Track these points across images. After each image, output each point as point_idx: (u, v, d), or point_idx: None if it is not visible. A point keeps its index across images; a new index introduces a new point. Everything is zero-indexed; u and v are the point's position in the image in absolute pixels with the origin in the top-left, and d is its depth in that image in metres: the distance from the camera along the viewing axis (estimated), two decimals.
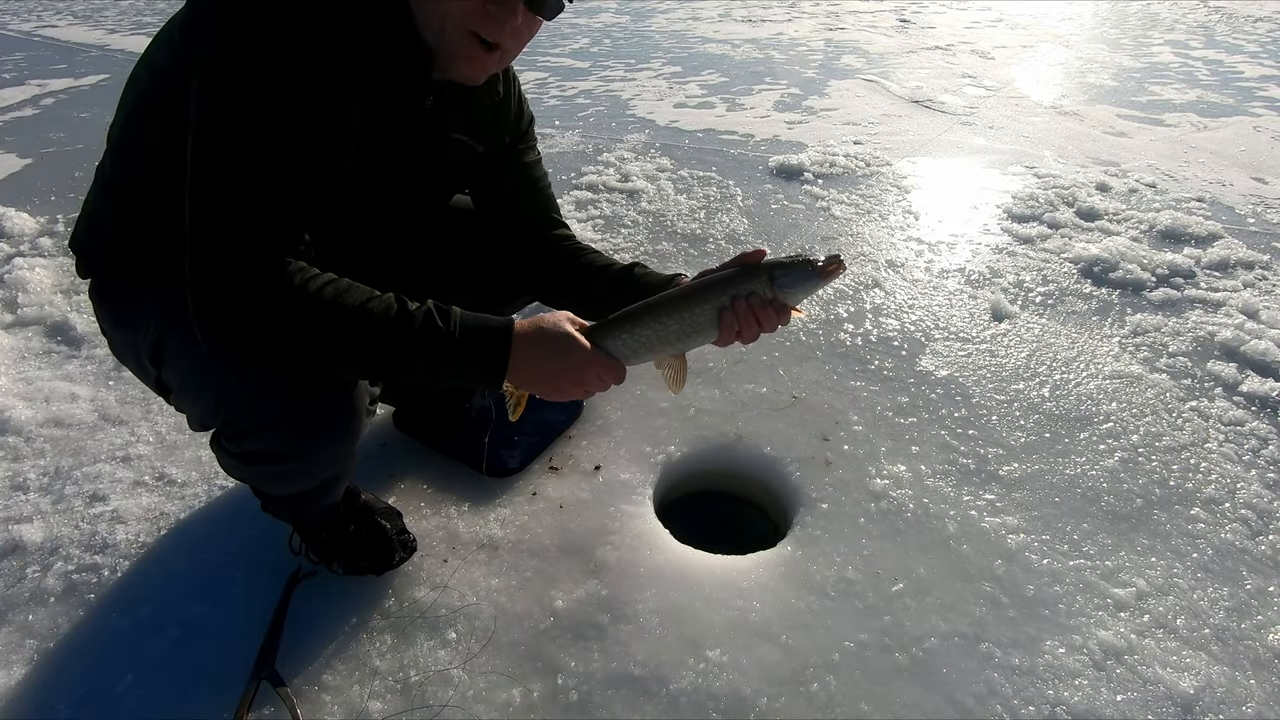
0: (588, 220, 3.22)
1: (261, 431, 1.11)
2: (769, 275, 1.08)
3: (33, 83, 6.25)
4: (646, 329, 1.11)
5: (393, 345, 0.98)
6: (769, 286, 1.08)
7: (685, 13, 10.57)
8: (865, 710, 1.25)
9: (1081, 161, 4.19)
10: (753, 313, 1.09)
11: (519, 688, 1.27)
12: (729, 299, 1.09)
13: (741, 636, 1.36)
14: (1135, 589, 1.48)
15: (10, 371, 2.13)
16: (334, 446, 1.19)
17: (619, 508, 1.64)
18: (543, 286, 1.54)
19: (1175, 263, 2.88)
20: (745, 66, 6.80)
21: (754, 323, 1.10)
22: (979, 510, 1.67)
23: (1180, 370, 2.23)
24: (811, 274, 1.08)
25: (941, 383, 2.12)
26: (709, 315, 1.10)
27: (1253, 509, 1.71)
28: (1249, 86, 6.23)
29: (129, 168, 1.15)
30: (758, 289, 1.09)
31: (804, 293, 1.11)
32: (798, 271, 1.08)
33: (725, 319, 1.11)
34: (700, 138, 4.56)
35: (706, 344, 1.16)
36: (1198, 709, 1.27)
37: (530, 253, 1.50)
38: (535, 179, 1.50)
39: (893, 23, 9.86)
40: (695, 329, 1.12)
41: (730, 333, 1.11)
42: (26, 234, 3.07)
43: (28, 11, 11.59)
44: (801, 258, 1.10)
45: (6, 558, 1.52)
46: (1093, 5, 12.56)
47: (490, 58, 1.11)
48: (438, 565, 1.50)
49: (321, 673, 1.29)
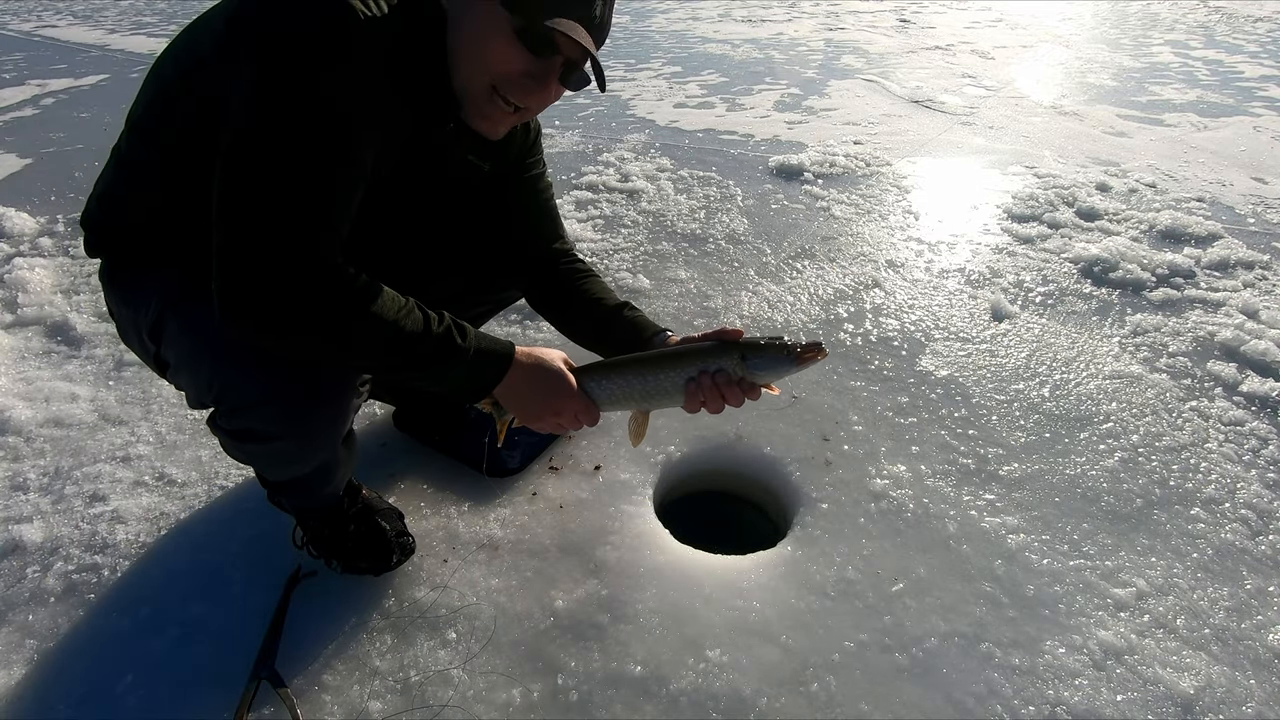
0: (588, 220, 3.21)
1: (250, 409, 1.13)
2: (741, 355, 1.11)
3: (33, 83, 6.25)
4: (623, 380, 1.18)
5: (411, 350, 1.03)
6: (740, 366, 1.11)
7: (685, 13, 10.57)
8: (865, 710, 1.25)
9: (1081, 161, 4.19)
10: (718, 388, 1.14)
11: (519, 688, 1.27)
12: (697, 371, 1.13)
13: (741, 636, 1.36)
14: (1135, 589, 1.48)
15: (10, 371, 2.13)
16: (320, 426, 1.19)
17: (619, 508, 1.64)
18: (536, 300, 1.56)
19: (1175, 263, 2.88)
20: (745, 66, 6.80)
21: (719, 397, 1.15)
22: (979, 510, 1.67)
23: (1180, 370, 2.24)
24: (784, 360, 1.11)
25: (941, 383, 2.12)
26: (677, 383, 1.14)
27: (1253, 509, 1.71)
28: (1249, 86, 6.23)
29: (147, 147, 1.16)
30: (727, 366, 1.12)
31: (775, 377, 1.14)
32: (770, 356, 1.11)
33: (691, 389, 1.16)
34: (700, 138, 4.56)
35: (674, 407, 1.20)
36: (1198, 709, 1.27)
37: (531, 268, 1.52)
38: (540, 196, 1.51)
39: (893, 23, 9.86)
40: (663, 393, 1.17)
41: (695, 402, 1.17)
42: (26, 234, 3.08)
43: (28, 11, 11.60)
44: (780, 341, 1.12)
45: (6, 558, 1.52)
46: (1093, 5, 12.57)
47: (512, 118, 1.15)
48: (438, 565, 1.50)
49: (321, 673, 1.29)
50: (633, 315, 1.40)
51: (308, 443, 1.21)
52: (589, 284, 1.48)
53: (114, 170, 1.20)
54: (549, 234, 1.52)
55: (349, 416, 1.23)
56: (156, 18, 10.65)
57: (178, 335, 1.15)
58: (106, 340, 2.28)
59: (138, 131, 1.16)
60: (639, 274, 2.71)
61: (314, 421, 1.18)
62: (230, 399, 1.13)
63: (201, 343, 1.11)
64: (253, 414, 1.13)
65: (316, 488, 1.35)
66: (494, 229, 1.52)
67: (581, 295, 1.46)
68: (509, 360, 1.14)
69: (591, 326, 1.43)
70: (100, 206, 1.22)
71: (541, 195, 1.51)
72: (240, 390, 1.11)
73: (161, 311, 1.16)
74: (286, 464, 1.26)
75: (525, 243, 1.51)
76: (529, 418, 1.22)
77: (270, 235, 0.94)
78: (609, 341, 1.39)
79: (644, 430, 1.24)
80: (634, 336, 1.35)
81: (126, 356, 2.18)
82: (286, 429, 1.16)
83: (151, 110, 1.14)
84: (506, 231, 1.51)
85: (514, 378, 1.15)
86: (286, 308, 0.95)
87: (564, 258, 1.52)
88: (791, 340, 1.12)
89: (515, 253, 1.52)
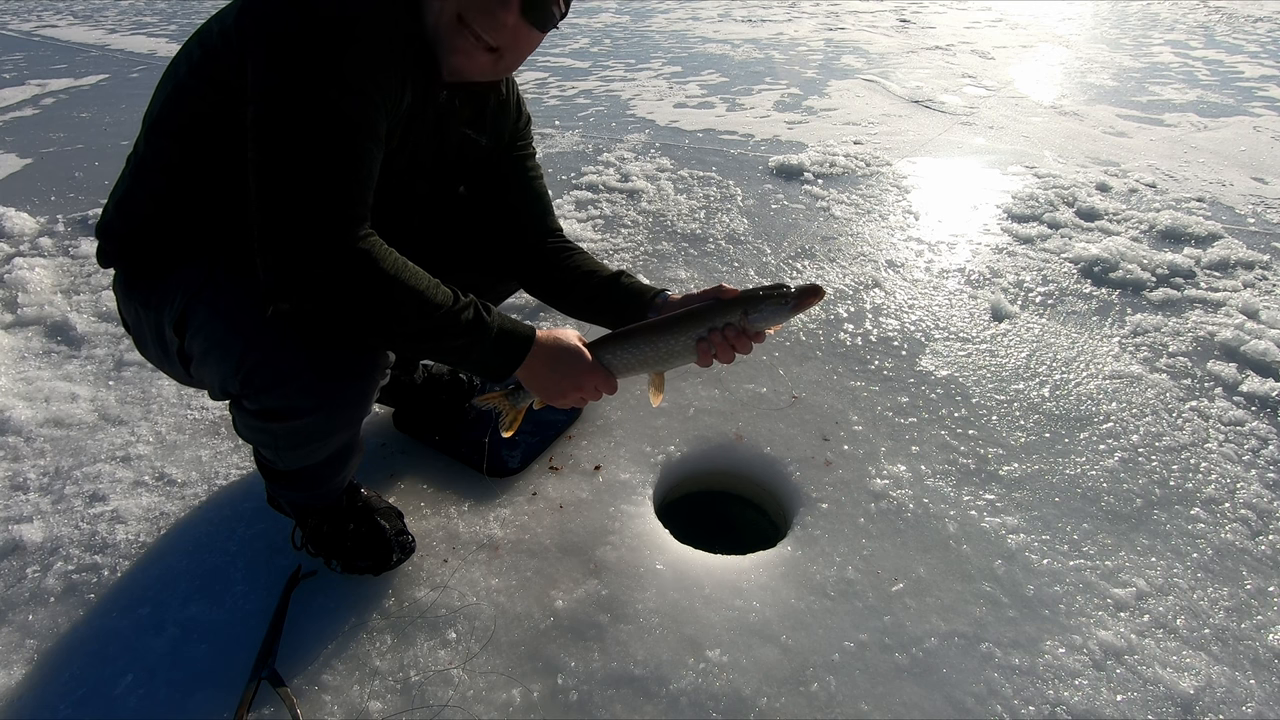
0: (588, 220, 3.21)
1: (282, 384, 1.14)
2: (743, 309, 1.21)
3: (33, 83, 6.25)
4: (637, 349, 1.27)
5: (442, 323, 1.10)
6: (742, 318, 1.22)
7: (685, 13, 10.57)
8: (865, 710, 1.25)
9: (1081, 161, 4.19)
10: (727, 341, 1.24)
11: (519, 688, 1.27)
12: (706, 330, 1.23)
13: (741, 636, 1.36)
14: (1135, 589, 1.48)
15: (10, 371, 2.13)
16: (350, 400, 1.22)
17: (619, 508, 1.64)
18: (531, 283, 1.58)
19: (1175, 263, 2.88)
20: (745, 66, 6.80)
21: (729, 349, 1.25)
22: (979, 510, 1.67)
23: (1180, 370, 2.23)
24: (783, 307, 1.21)
25: (941, 383, 2.12)
26: (689, 343, 1.24)
27: (1253, 509, 1.71)
28: (1249, 86, 6.23)
29: (165, 145, 1.19)
30: (733, 320, 1.22)
31: (775, 323, 1.23)
32: (770, 308, 1.21)
33: (702, 347, 1.25)
34: (700, 138, 4.56)
35: (688, 364, 1.31)
36: (1198, 709, 1.27)
37: (521, 250, 1.55)
38: (531, 178, 1.55)
39: (893, 23, 9.86)
40: (676, 354, 1.27)
41: (708, 357, 1.26)
42: (26, 234, 3.08)
43: (28, 11, 11.60)
44: (777, 290, 1.21)
45: (6, 558, 1.52)
46: (1093, 5, 12.57)
47: (486, 58, 1.17)
48: (438, 565, 1.50)
49: (321, 673, 1.29)
50: (629, 282, 1.45)
51: (337, 416, 1.23)
52: (579, 259, 1.52)
53: (131, 176, 1.22)
54: (539, 215, 1.56)
55: (374, 395, 1.25)
56: (156, 18, 10.65)
57: (206, 322, 1.17)
58: (106, 340, 2.28)
59: (155, 128, 1.19)
60: (639, 274, 2.71)
61: (344, 395, 1.20)
62: (260, 377, 1.14)
63: (232, 325, 1.14)
64: (284, 390, 1.15)
65: (325, 477, 1.36)
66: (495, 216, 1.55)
67: (575, 271, 1.50)
68: (530, 342, 1.20)
69: (591, 298, 1.47)
70: (119, 212, 1.24)
71: (530, 174, 1.55)
72: (272, 367, 1.13)
73: (188, 302, 1.18)
74: (310, 444, 1.26)
75: (517, 222, 1.55)
76: (552, 395, 1.27)
77: (308, 212, 1.00)
78: (611, 310, 1.44)
79: (662, 387, 1.33)
80: (636, 301, 1.41)
81: (127, 356, 2.18)
82: (318, 403, 1.18)
83: (168, 106, 1.18)
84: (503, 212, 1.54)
85: (535, 359, 1.21)
86: (329, 278, 1.02)
87: (551, 237, 1.56)
88: (788, 287, 1.20)
89: (510, 234, 1.55)
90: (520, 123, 1.52)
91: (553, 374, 1.24)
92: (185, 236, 1.21)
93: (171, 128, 1.18)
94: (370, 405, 1.28)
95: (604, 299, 1.45)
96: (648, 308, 1.39)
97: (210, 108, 1.13)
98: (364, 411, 1.28)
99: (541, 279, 1.56)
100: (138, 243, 1.23)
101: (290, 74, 1.00)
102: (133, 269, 1.26)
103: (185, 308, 1.18)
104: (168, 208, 1.20)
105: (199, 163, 1.16)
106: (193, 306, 1.17)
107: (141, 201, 1.22)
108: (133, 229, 1.23)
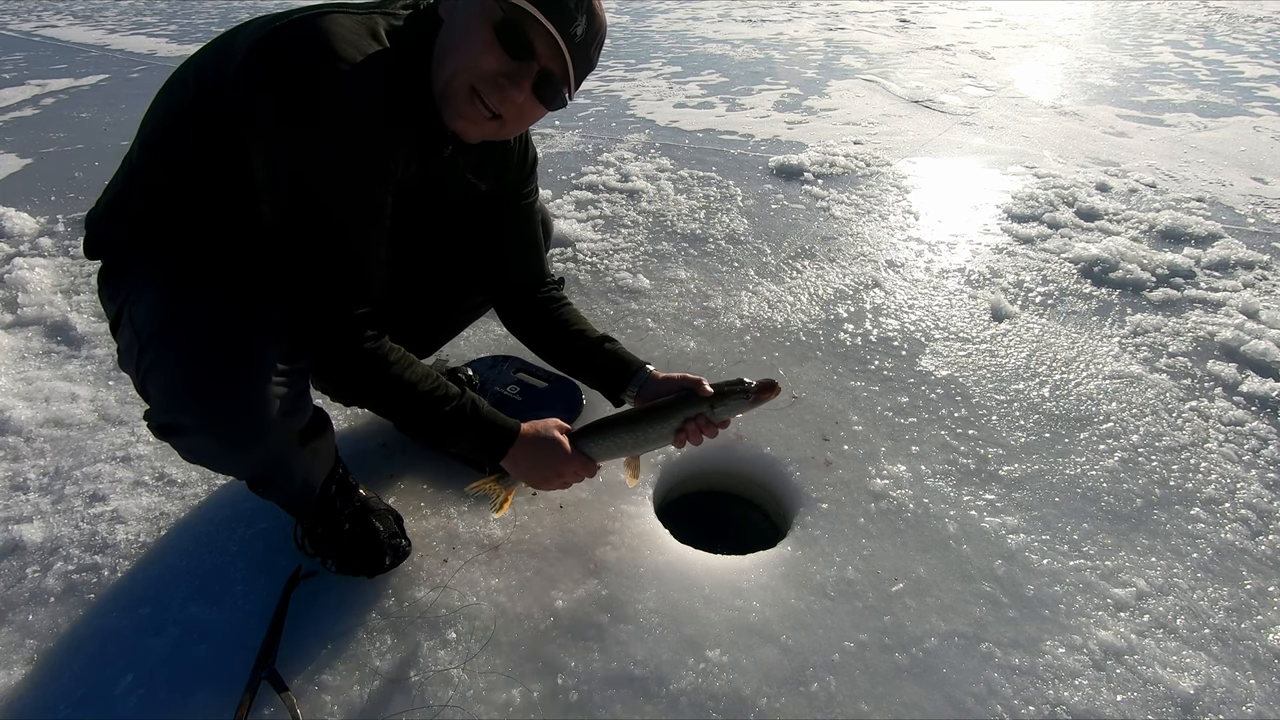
0: (588, 220, 3.21)
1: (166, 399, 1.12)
2: (710, 403, 1.39)
3: (33, 83, 6.25)
4: (616, 438, 1.41)
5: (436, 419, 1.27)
6: (710, 411, 1.40)
7: (685, 13, 10.57)
8: (865, 710, 1.25)
9: (1081, 161, 4.19)
10: (697, 428, 1.39)
11: (519, 688, 1.27)
12: (681, 421, 1.40)
13: (741, 636, 1.36)
14: (1135, 589, 1.48)
15: (10, 371, 2.13)
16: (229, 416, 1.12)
17: (619, 508, 1.64)
18: (518, 328, 1.61)
19: (1175, 263, 2.88)
20: (745, 66, 6.80)
21: (698, 434, 1.40)
22: (979, 510, 1.67)
23: (1180, 370, 2.23)
24: (744, 401, 1.38)
25: (941, 383, 2.12)
26: (665, 433, 1.41)
27: (1253, 509, 1.71)
28: (1249, 86, 6.23)
29: (153, 167, 1.19)
30: (704, 411, 1.39)
31: (737, 413, 1.42)
32: (733, 402, 1.39)
33: (676, 436, 1.41)
34: (700, 138, 4.56)
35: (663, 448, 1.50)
36: (1198, 709, 1.27)
37: (510, 294, 1.58)
38: (528, 225, 1.56)
39: (893, 23, 9.87)
40: (652, 441, 1.43)
41: (682, 441, 1.41)
42: (26, 234, 3.08)
43: (28, 11, 11.60)
44: (739, 386, 1.38)
45: (6, 558, 1.52)
46: (1093, 5, 12.57)
47: (489, 125, 1.17)
48: (438, 565, 1.50)
49: (321, 673, 1.29)
50: (613, 348, 1.53)
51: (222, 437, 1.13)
52: (568, 313, 1.57)
53: (124, 180, 1.23)
54: (533, 261, 1.58)
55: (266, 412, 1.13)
56: (156, 18, 10.65)
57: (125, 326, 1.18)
58: (106, 340, 2.28)
59: (148, 149, 1.18)
60: (639, 274, 2.71)
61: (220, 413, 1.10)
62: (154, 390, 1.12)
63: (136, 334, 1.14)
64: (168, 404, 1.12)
65: (282, 486, 1.35)
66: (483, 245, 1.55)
67: (563, 325, 1.56)
68: (514, 436, 1.34)
69: (573, 356, 1.55)
70: (107, 213, 1.24)
71: (529, 221, 1.55)
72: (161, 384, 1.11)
73: (120, 308, 1.19)
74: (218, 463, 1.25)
75: (510, 271, 1.57)
76: (535, 481, 1.41)
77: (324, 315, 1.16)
78: (593, 374, 1.53)
79: (638, 471, 1.50)
80: (621, 372, 1.50)
81: None
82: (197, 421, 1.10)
83: (159, 132, 1.18)
84: (494, 254, 1.55)
85: (518, 451, 1.34)
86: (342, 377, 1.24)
87: (543, 286, 1.59)
88: (749, 382, 1.38)
89: (499, 278, 1.57)
90: (525, 167, 1.50)
91: (534, 464, 1.36)
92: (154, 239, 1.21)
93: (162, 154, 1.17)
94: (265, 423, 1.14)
95: (588, 362, 1.53)
96: (629, 382, 1.48)
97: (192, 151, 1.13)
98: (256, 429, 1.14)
99: (529, 326, 1.59)
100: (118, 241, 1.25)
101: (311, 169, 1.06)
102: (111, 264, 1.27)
103: (118, 313, 1.20)
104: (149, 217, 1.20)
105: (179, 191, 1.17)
106: (121, 314, 1.20)
107: (128, 205, 1.22)
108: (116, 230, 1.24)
